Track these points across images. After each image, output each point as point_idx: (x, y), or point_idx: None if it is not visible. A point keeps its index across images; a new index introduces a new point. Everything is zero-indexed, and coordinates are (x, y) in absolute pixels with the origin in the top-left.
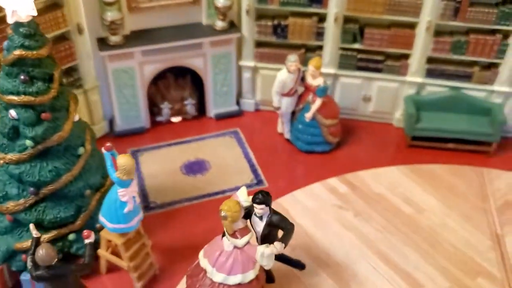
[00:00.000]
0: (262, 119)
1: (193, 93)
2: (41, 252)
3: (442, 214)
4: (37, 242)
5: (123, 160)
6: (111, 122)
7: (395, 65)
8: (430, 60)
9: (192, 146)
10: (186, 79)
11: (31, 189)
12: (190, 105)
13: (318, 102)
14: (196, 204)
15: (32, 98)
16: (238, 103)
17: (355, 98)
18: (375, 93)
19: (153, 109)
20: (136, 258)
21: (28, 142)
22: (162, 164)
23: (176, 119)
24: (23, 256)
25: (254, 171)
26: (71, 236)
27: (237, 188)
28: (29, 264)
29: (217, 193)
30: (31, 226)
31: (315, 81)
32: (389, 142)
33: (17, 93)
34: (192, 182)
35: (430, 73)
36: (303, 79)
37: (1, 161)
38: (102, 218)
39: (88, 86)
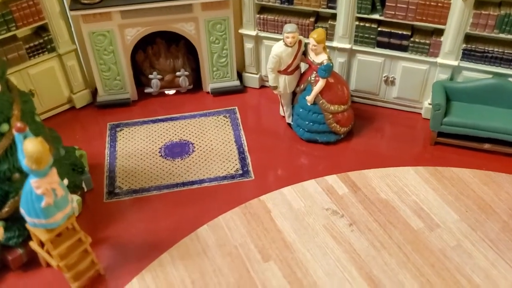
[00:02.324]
0: (266, 97)
1: (187, 63)
2: None
3: (460, 234)
4: None
5: (30, 146)
6: (95, 92)
7: (424, 42)
8: (468, 39)
9: (179, 125)
10: (180, 46)
11: None
12: (183, 77)
13: (320, 83)
14: (167, 193)
15: None
16: (240, 78)
17: (376, 80)
18: (400, 76)
19: (141, 78)
20: (69, 256)
21: None
22: (140, 144)
23: (169, 92)
24: None
25: (242, 159)
26: (0, 223)
27: (218, 179)
28: None
29: (192, 183)
30: None
31: (318, 58)
32: (411, 136)
33: None
34: (168, 167)
35: (467, 55)
36: (305, 54)
37: None
38: (21, 209)
39: (63, 50)
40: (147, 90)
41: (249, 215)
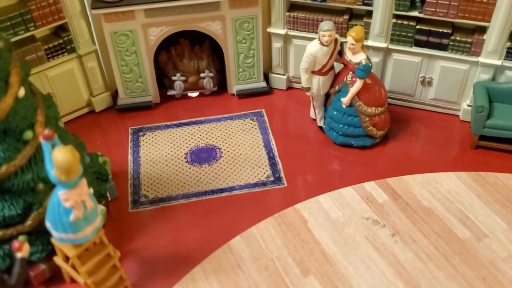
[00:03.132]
0: (294, 99)
1: (212, 64)
2: None
3: (510, 244)
4: None
5: (60, 155)
6: (116, 95)
7: (466, 41)
8: None
9: (204, 129)
10: (204, 46)
11: None
12: (207, 79)
13: (358, 84)
14: (195, 202)
15: None
16: (266, 79)
17: (412, 80)
18: (437, 76)
19: (164, 80)
20: (97, 273)
21: None
22: (164, 149)
23: (193, 94)
24: None
25: (272, 164)
26: (21, 238)
27: (249, 186)
28: None
29: (222, 191)
30: None
31: (355, 58)
32: (450, 139)
33: None
34: (195, 174)
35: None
36: (340, 53)
37: None
38: (47, 223)
39: (83, 50)
40: (170, 92)
41: (284, 226)
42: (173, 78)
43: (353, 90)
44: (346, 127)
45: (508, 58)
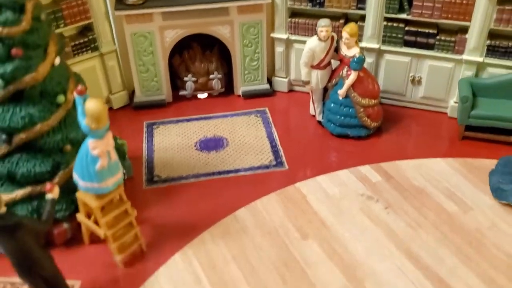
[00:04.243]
0: (295, 100)
1: (220, 67)
2: None
3: (493, 215)
4: None
5: (92, 104)
6: (132, 94)
7: (450, 40)
8: (492, 35)
9: (212, 123)
10: (214, 51)
11: (3, 136)
12: (216, 80)
13: (352, 76)
14: (204, 181)
15: None
16: (270, 81)
17: (402, 80)
18: (426, 75)
19: (177, 82)
20: (116, 227)
21: None
22: (176, 139)
23: (201, 95)
24: None
25: (275, 152)
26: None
27: (253, 169)
28: None
29: (228, 172)
30: None
31: (350, 52)
32: (439, 133)
33: None
34: (204, 159)
35: (491, 51)
36: (337, 50)
37: None
38: (74, 174)
39: (105, 49)
40: (182, 92)
41: (285, 200)
42: (185, 79)
43: (348, 81)
44: (342, 117)
45: (489, 55)
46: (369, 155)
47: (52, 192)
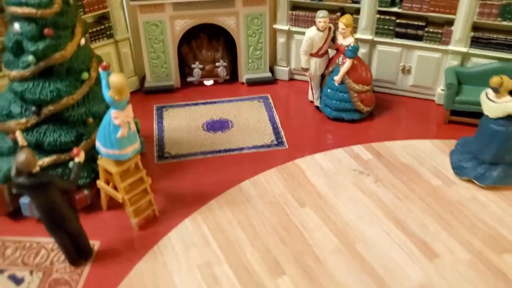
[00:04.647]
0: (295, 88)
1: (226, 55)
2: (21, 157)
3: (474, 189)
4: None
5: (115, 77)
6: (143, 80)
7: (437, 32)
8: (476, 28)
9: (218, 107)
10: (220, 40)
11: (33, 108)
12: (221, 67)
13: (347, 63)
14: (211, 158)
15: (33, 10)
16: (272, 70)
17: (394, 69)
18: (415, 64)
19: (185, 69)
20: (132, 192)
21: (31, 58)
22: (184, 120)
23: (208, 82)
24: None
25: (276, 133)
26: (71, 164)
27: (256, 147)
28: (13, 172)
29: (233, 150)
30: (18, 132)
31: (345, 41)
32: (427, 118)
33: (19, 4)
34: (210, 138)
35: (475, 42)
36: (333, 40)
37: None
38: (97, 143)
39: (119, 37)
40: (189, 79)
41: (285, 174)
42: (193, 66)
43: (343, 68)
44: (338, 102)
45: (472, 46)
46: (361, 137)
47: (79, 156)
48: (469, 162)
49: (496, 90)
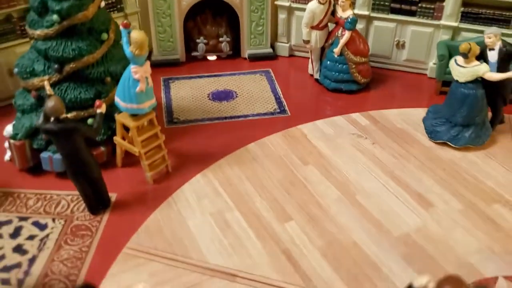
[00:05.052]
0: (295, 64)
1: (229, 31)
2: (50, 103)
3: (465, 150)
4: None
5: (136, 33)
6: (150, 53)
7: (430, 7)
8: (466, 3)
9: (222, 79)
10: (224, 16)
11: (56, 66)
12: (225, 43)
13: (346, 35)
14: (218, 123)
15: None
16: (272, 46)
17: (389, 44)
18: (409, 39)
19: (190, 44)
20: (148, 147)
21: (55, 17)
22: (190, 91)
23: (211, 57)
24: (44, 135)
25: (279, 102)
26: (90, 121)
27: (260, 115)
28: (40, 119)
29: (239, 117)
30: (45, 82)
31: (345, 14)
32: (419, 90)
33: None
34: (217, 107)
35: (465, 17)
36: (333, 13)
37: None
38: (116, 98)
39: (129, 10)
40: (194, 53)
41: (288, 137)
42: (197, 40)
43: (343, 40)
44: (337, 73)
45: (462, 21)
46: (359, 107)
47: (101, 108)
48: (442, 126)
49: (465, 56)
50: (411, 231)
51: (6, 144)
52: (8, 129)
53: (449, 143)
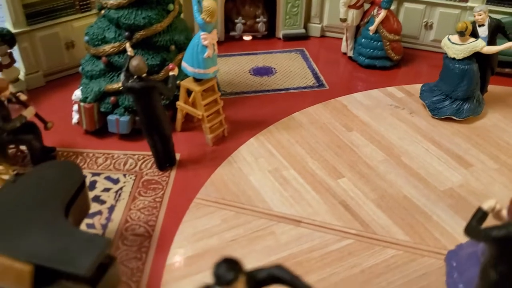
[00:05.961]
0: (327, 44)
1: (266, 12)
2: (134, 61)
3: (496, 119)
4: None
5: (208, 2)
6: None
7: None
8: None
9: (260, 57)
10: None
11: (126, 33)
12: (261, 23)
13: (382, 14)
14: (261, 95)
15: None
16: (305, 27)
17: (417, 25)
18: (437, 20)
19: (228, 24)
20: (209, 111)
21: None
22: (232, 67)
23: (247, 37)
24: (112, 98)
25: (316, 77)
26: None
27: (300, 88)
28: (123, 78)
29: (281, 90)
30: (127, 44)
31: None
32: None
33: None
34: (258, 81)
35: None
36: None
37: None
38: (184, 63)
39: None
40: (232, 33)
41: (330, 107)
42: (236, 21)
43: (379, 18)
44: (372, 50)
45: (488, 2)
46: (391, 82)
47: (173, 71)
48: (443, 103)
49: (462, 34)
50: (454, 187)
51: (75, 107)
52: (77, 93)
53: (453, 117)
